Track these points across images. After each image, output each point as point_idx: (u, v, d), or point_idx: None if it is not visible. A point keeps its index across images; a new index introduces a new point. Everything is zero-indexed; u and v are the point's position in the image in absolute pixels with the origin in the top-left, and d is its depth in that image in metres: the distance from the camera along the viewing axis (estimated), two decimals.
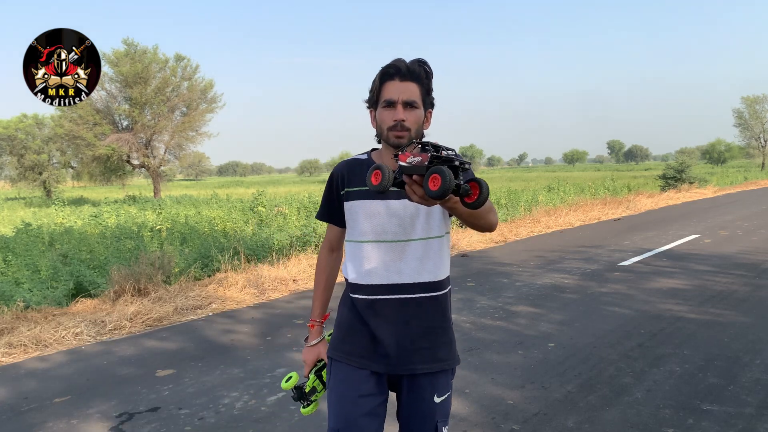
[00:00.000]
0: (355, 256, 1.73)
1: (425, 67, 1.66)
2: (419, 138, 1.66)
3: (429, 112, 1.71)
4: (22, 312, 5.51)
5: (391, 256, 1.68)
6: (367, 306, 1.70)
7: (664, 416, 3.17)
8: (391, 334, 1.68)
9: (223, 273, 7.17)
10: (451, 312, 1.80)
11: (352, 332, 1.73)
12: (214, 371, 4.09)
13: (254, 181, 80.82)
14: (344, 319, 1.77)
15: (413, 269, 1.67)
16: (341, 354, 1.74)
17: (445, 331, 1.75)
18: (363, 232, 1.70)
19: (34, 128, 38.31)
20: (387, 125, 1.64)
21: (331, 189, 1.79)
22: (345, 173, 1.75)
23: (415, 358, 1.68)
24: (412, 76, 1.64)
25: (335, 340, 1.79)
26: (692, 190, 22.62)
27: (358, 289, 1.72)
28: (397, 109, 1.62)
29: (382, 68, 1.66)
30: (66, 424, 3.30)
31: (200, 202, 23.50)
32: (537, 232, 11.76)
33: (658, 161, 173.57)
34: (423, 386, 1.70)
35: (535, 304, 5.74)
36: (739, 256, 8.25)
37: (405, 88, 1.63)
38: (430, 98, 1.70)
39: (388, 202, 1.67)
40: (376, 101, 1.68)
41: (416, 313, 1.69)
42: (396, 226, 1.67)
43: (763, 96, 66.39)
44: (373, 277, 1.69)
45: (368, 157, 1.77)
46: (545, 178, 43.02)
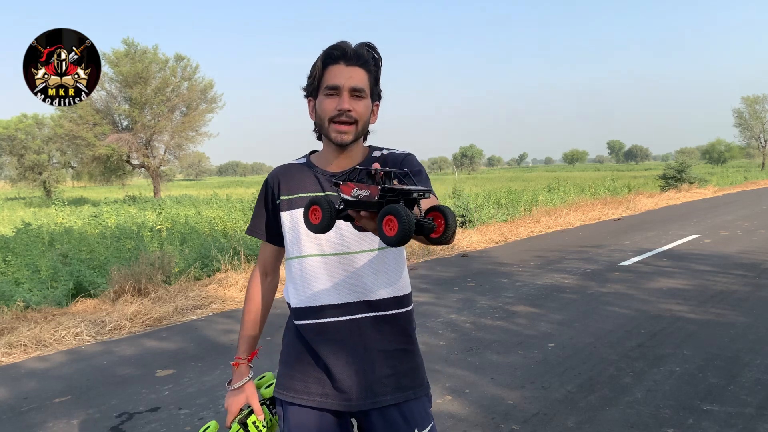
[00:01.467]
0: (298, 275, 1.46)
1: (374, 53, 1.44)
2: (364, 133, 1.47)
3: (376, 105, 1.49)
4: (22, 312, 5.52)
5: (340, 271, 1.43)
6: (317, 332, 1.44)
7: (664, 416, 3.17)
8: (347, 363, 1.42)
9: (223, 273, 7.17)
10: (415, 333, 1.54)
11: (302, 366, 1.47)
12: (214, 371, 4.09)
13: (254, 181, 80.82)
14: (291, 352, 1.50)
15: (367, 285, 1.43)
16: (292, 393, 1.46)
17: (411, 354, 1.49)
18: (305, 246, 1.44)
19: (34, 128, 38.31)
20: (329, 115, 1.40)
21: (265, 199, 1.54)
22: (281, 179, 1.51)
23: (377, 389, 1.42)
24: (360, 60, 1.41)
25: (282, 378, 1.51)
26: (692, 190, 22.63)
27: (304, 314, 1.46)
28: (342, 97, 1.39)
29: (324, 50, 1.42)
30: (66, 424, 3.30)
31: (200, 202, 23.50)
32: (537, 232, 11.76)
33: (658, 161, 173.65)
34: (396, 422, 1.43)
35: (535, 304, 5.74)
36: (739, 256, 8.25)
37: (352, 73, 1.39)
38: (378, 89, 1.48)
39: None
40: (317, 88, 1.43)
41: (375, 336, 1.43)
42: (342, 235, 1.43)
43: (763, 96, 66.47)
44: (321, 297, 1.43)
45: (307, 161, 1.54)
46: (545, 178, 43.02)
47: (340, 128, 1.40)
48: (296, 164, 1.55)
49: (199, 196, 29.27)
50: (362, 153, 1.51)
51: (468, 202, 12.94)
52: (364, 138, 1.50)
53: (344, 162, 1.47)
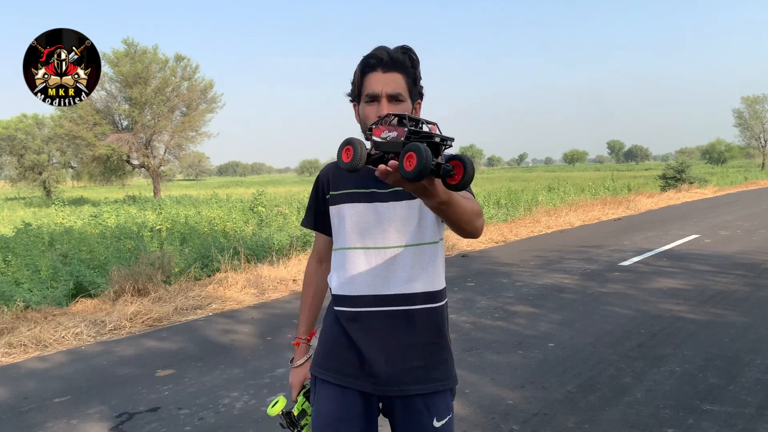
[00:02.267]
0: (340, 265, 1.56)
1: (410, 54, 1.49)
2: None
3: (418, 104, 1.56)
4: (22, 312, 5.52)
5: (379, 264, 1.51)
6: (352, 319, 1.53)
7: (664, 416, 3.17)
8: (379, 351, 1.50)
9: (223, 273, 7.17)
10: (449, 327, 1.62)
11: (337, 347, 1.56)
12: (214, 371, 4.09)
13: (254, 181, 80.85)
14: (328, 334, 1.60)
15: (404, 279, 1.50)
16: (325, 371, 1.57)
17: (441, 348, 1.56)
18: (349, 239, 1.54)
19: (34, 128, 38.32)
20: (371, 122, 1.46)
21: (317, 194, 1.65)
22: (330, 176, 1.61)
23: (406, 378, 1.50)
24: (396, 65, 1.47)
25: (318, 357, 1.62)
26: (692, 190, 22.63)
27: (343, 300, 1.55)
28: (381, 104, 1.46)
29: (362, 58, 1.49)
30: (66, 424, 3.30)
31: (200, 202, 23.50)
32: (537, 232, 11.76)
33: (658, 161, 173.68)
34: (419, 410, 1.51)
35: (535, 304, 5.74)
36: (739, 256, 8.25)
37: (389, 80, 1.46)
38: (418, 88, 1.54)
39: (375, 206, 1.52)
40: (359, 95, 1.52)
41: (407, 328, 1.51)
42: (385, 231, 1.51)
43: (763, 96, 66.47)
44: (359, 287, 1.52)
45: None
46: (545, 178, 43.02)
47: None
48: None
49: (199, 196, 29.27)
50: None
51: None
52: None
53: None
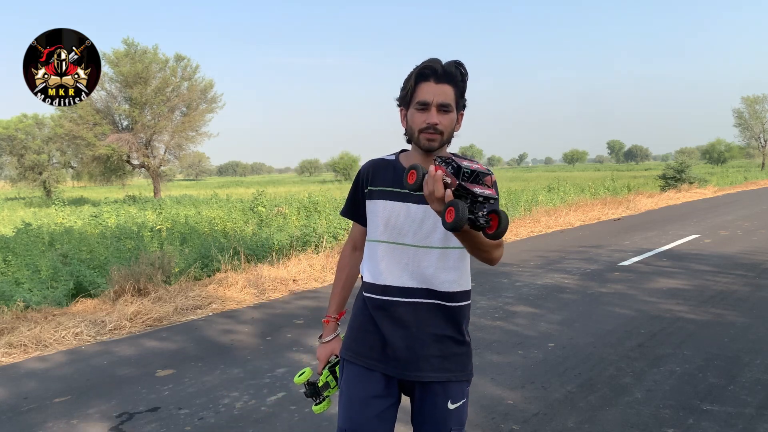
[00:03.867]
0: (371, 255, 1.71)
1: (461, 69, 1.62)
2: (449, 140, 1.67)
3: (461, 115, 1.68)
4: (22, 312, 5.51)
5: (406, 260, 1.64)
6: (379, 307, 1.67)
7: (664, 416, 3.17)
8: (401, 338, 1.64)
9: (223, 273, 7.17)
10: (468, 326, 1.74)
11: (363, 333, 1.71)
12: (214, 371, 4.09)
13: (254, 181, 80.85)
14: (356, 319, 1.75)
15: (427, 276, 1.63)
16: (352, 354, 1.72)
17: (459, 343, 1.69)
18: (380, 233, 1.68)
19: (34, 128, 38.32)
20: (419, 127, 1.61)
21: (357, 186, 1.77)
22: (371, 172, 1.73)
23: (424, 365, 1.64)
24: (448, 78, 1.60)
25: (347, 340, 1.77)
26: (692, 190, 22.63)
27: (371, 288, 1.69)
28: (431, 112, 1.59)
29: (417, 67, 1.62)
30: (66, 424, 3.30)
31: (200, 202, 23.50)
32: (537, 232, 11.76)
33: (658, 161, 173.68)
34: (436, 392, 1.66)
35: (535, 304, 5.74)
36: (739, 256, 8.25)
37: (440, 91, 1.59)
38: (463, 100, 1.67)
39: (408, 206, 1.64)
40: (409, 101, 1.64)
41: (428, 320, 1.64)
42: (414, 230, 1.64)
43: (763, 96, 66.43)
44: (386, 277, 1.66)
45: (396, 159, 1.75)
46: (545, 178, 43.01)
47: (429, 137, 1.61)
48: (387, 160, 1.76)
49: (199, 196, 29.27)
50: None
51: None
52: (448, 143, 1.70)
53: (428, 164, 1.65)
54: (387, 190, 1.68)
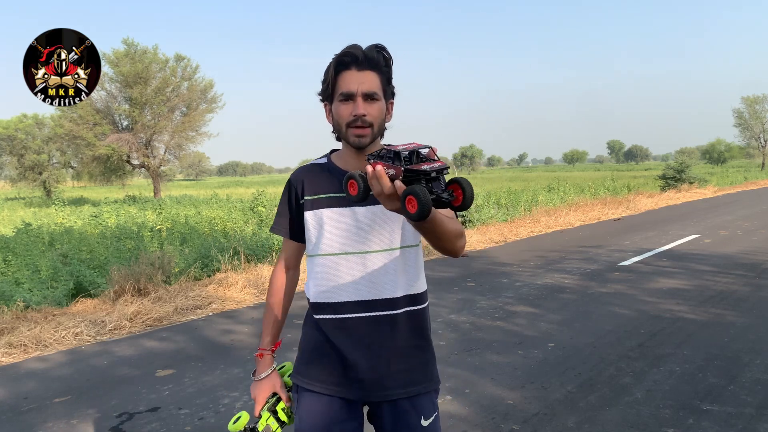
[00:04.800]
0: (319, 272, 1.53)
1: (384, 53, 1.47)
2: (381, 132, 1.52)
3: (390, 103, 1.54)
4: (22, 312, 5.52)
5: (360, 269, 1.49)
6: (336, 326, 1.51)
7: (664, 416, 3.17)
8: (364, 357, 1.49)
9: (223, 273, 7.17)
10: (430, 329, 1.62)
11: (319, 355, 1.54)
12: (214, 371, 4.09)
13: (254, 181, 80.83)
14: (310, 342, 1.58)
15: (387, 283, 1.49)
16: (308, 380, 1.54)
17: (424, 350, 1.56)
18: (327, 245, 1.51)
19: (34, 128, 38.33)
20: (345, 121, 1.45)
21: (289, 199, 1.59)
22: (304, 180, 1.57)
23: (390, 383, 1.50)
24: (371, 64, 1.45)
25: (299, 365, 1.59)
26: (692, 190, 22.63)
27: (324, 308, 1.53)
28: (356, 103, 1.44)
29: (335, 56, 1.46)
30: (66, 424, 3.30)
31: (200, 202, 23.51)
32: (537, 232, 11.76)
33: (658, 161, 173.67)
34: (406, 410, 1.51)
35: (535, 304, 5.74)
36: (739, 256, 8.25)
37: (364, 79, 1.44)
38: (391, 87, 1.52)
39: (353, 210, 1.49)
40: (332, 94, 1.48)
41: (392, 332, 1.50)
42: (365, 235, 1.49)
43: (763, 96, 66.46)
44: (341, 294, 1.50)
45: (328, 161, 1.59)
46: (545, 178, 43.02)
47: (357, 132, 1.45)
48: (318, 164, 1.60)
49: (199, 196, 29.28)
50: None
51: None
52: (381, 136, 1.56)
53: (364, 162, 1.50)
54: (326, 197, 1.52)
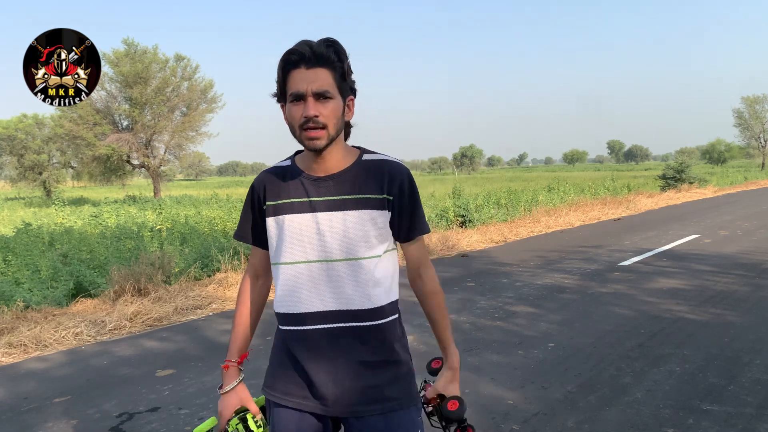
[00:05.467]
0: (282, 281, 1.46)
1: (336, 47, 1.37)
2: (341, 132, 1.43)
3: (350, 100, 1.44)
4: (22, 312, 5.52)
5: (323, 278, 1.42)
6: (297, 338, 1.45)
7: (664, 416, 3.17)
8: (324, 371, 1.42)
9: (223, 273, 7.17)
10: (407, 342, 1.54)
11: (284, 368, 1.49)
12: (214, 371, 4.09)
13: None
14: (276, 353, 1.53)
15: (350, 294, 1.41)
16: (275, 393, 1.49)
17: (395, 365, 1.46)
18: (289, 252, 1.43)
19: (34, 128, 38.34)
20: (298, 123, 1.36)
21: (252, 204, 1.51)
22: (266, 184, 1.49)
23: (357, 399, 1.42)
24: (321, 60, 1.35)
25: (269, 378, 1.54)
26: (692, 190, 22.63)
27: (287, 319, 1.47)
28: (307, 103, 1.34)
29: (283, 55, 1.37)
30: (66, 424, 3.30)
31: (200, 202, 23.50)
32: (537, 232, 11.77)
33: (658, 161, 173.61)
34: (380, 429, 1.42)
35: (535, 304, 5.74)
36: (739, 256, 8.25)
37: (314, 77, 1.34)
38: (349, 83, 1.41)
39: (316, 215, 1.42)
40: (283, 94, 1.40)
41: (356, 346, 1.42)
42: (327, 242, 1.41)
43: (763, 96, 66.45)
44: (304, 304, 1.43)
45: (292, 163, 1.50)
46: (545, 178, 43.01)
47: (310, 134, 1.36)
48: (281, 167, 1.51)
49: (199, 196, 29.28)
50: (349, 154, 1.47)
51: (468, 202, 12.94)
52: (347, 136, 1.49)
53: (327, 164, 1.44)
54: (288, 202, 1.44)
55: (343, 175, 1.44)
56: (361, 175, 1.44)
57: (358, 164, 1.45)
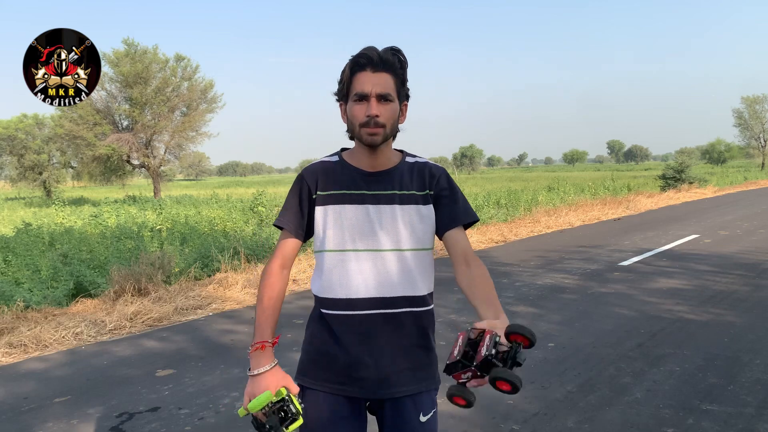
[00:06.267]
0: (328, 267, 1.54)
1: (399, 56, 1.50)
2: (394, 134, 1.55)
3: (404, 105, 1.57)
4: (22, 312, 5.52)
5: (368, 266, 1.51)
6: (341, 323, 1.52)
7: (664, 416, 3.17)
8: (369, 355, 1.51)
9: (223, 273, 7.17)
10: (434, 331, 1.64)
11: (323, 354, 1.55)
12: (214, 371, 4.09)
13: (254, 181, 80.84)
14: (313, 341, 1.59)
15: (395, 282, 1.51)
16: (312, 381, 1.56)
17: (428, 351, 1.59)
18: (338, 241, 1.52)
19: (34, 128, 38.32)
20: (359, 121, 1.48)
21: (300, 193, 1.59)
22: (318, 176, 1.58)
23: (394, 381, 1.53)
24: (386, 66, 1.48)
25: (304, 365, 1.60)
26: (692, 190, 22.63)
27: (332, 304, 1.53)
28: (370, 103, 1.46)
29: (351, 57, 1.50)
30: (66, 424, 3.30)
31: (200, 202, 23.50)
32: (537, 232, 11.77)
33: (658, 161, 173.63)
34: (406, 406, 1.54)
35: (535, 304, 5.74)
36: (739, 256, 8.25)
37: (378, 80, 1.46)
38: (405, 89, 1.55)
39: (367, 207, 1.52)
40: (347, 94, 1.51)
41: (398, 331, 1.53)
42: (376, 233, 1.51)
43: (763, 96, 66.40)
44: (348, 290, 1.51)
45: (339, 158, 1.61)
46: (545, 178, 43.01)
47: (370, 131, 1.48)
48: (330, 161, 1.61)
49: (199, 196, 29.28)
50: (395, 155, 1.61)
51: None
52: (393, 137, 1.59)
53: (377, 161, 1.56)
54: (339, 193, 1.54)
55: (392, 172, 1.56)
56: (407, 174, 1.57)
57: (404, 164, 1.59)
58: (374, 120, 1.46)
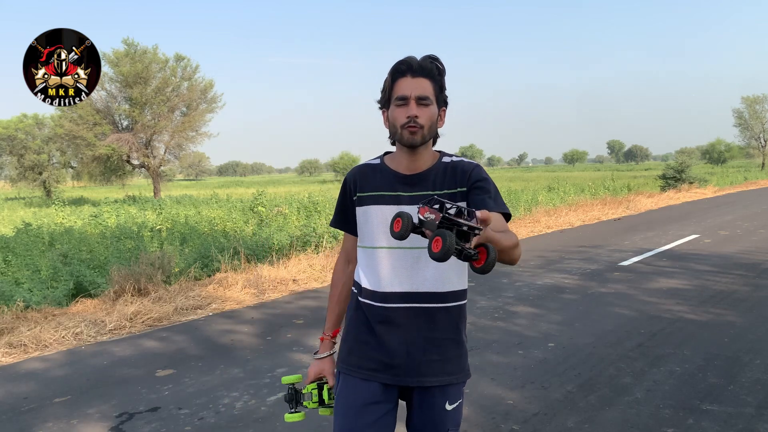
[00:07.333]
0: (367, 262, 1.69)
1: (437, 64, 1.62)
2: (432, 137, 1.65)
3: (443, 110, 1.67)
4: (22, 312, 5.51)
5: (403, 263, 1.63)
6: (377, 314, 1.66)
7: (664, 416, 3.17)
8: (401, 344, 1.64)
9: (223, 273, 7.17)
10: (466, 325, 1.74)
11: (359, 344, 1.69)
12: (214, 371, 4.09)
13: (254, 181, 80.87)
14: (350, 331, 1.73)
15: (427, 279, 1.62)
16: (348, 367, 1.70)
17: (458, 344, 1.69)
18: (375, 238, 1.66)
19: (34, 128, 38.33)
20: (400, 122, 1.60)
21: (345, 195, 1.75)
22: (358, 178, 1.71)
23: (424, 370, 1.64)
24: (424, 72, 1.60)
25: (342, 353, 1.74)
26: (692, 190, 22.63)
27: (369, 296, 1.68)
28: (410, 105, 1.58)
29: (393, 65, 1.62)
30: (66, 424, 3.30)
31: (200, 202, 23.49)
32: (537, 232, 11.77)
33: (658, 161, 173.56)
34: (434, 395, 1.66)
35: (535, 304, 5.74)
36: (739, 256, 8.25)
37: (417, 84, 1.59)
38: (443, 96, 1.66)
39: (402, 208, 1.61)
40: (389, 100, 1.64)
41: (428, 324, 1.64)
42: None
43: (763, 96, 66.40)
44: (385, 284, 1.64)
45: (381, 162, 1.73)
46: (545, 178, 43.02)
47: (410, 130, 1.59)
48: (371, 164, 1.74)
49: (199, 196, 29.26)
50: (432, 157, 1.69)
51: None
52: (433, 142, 1.68)
53: (415, 164, 1.65)
54: (377, 194, 1.67)
55: (427, 173, 1.66)
56: (440, 174, 1.65)
57: (439, 164, 1.67)
58: (414, 120, 1.57)
